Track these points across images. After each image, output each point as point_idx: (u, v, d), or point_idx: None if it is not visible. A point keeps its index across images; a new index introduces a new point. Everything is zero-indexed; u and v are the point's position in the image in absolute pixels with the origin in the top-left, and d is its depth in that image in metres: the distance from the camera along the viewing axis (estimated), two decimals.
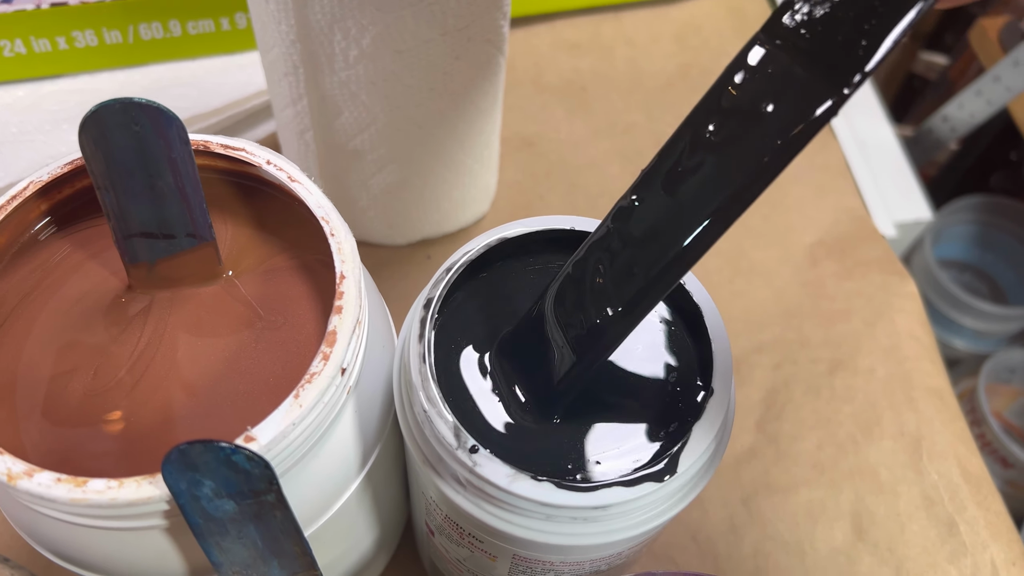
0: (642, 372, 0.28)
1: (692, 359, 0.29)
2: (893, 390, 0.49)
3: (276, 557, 0.26)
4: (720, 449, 0.28)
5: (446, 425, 0.26)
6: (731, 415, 0.29)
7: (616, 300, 0.25)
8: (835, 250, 0.55)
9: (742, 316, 0.52)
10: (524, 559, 0.29)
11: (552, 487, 0.26)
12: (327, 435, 0.28)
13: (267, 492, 0.24)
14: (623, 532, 0.27)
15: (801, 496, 0.46)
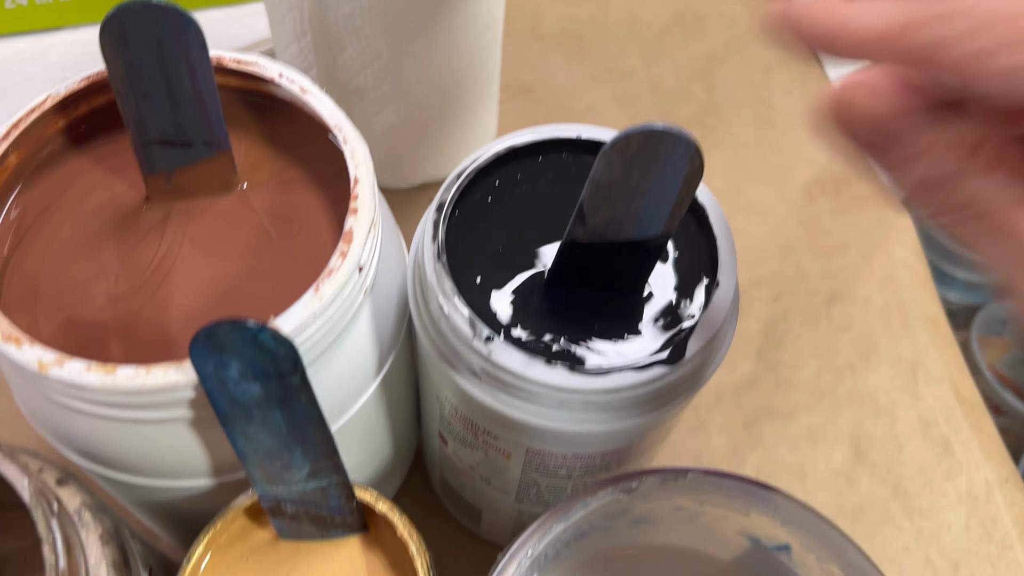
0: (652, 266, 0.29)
1: (700, 254, 0.29)
2: (889, 318, 0.50)
3: (299, 444, 0.27)
4: (726, 339, 0.29)
5: (461, 318, 0.27)
6: (735, 308, 0.30)
7: None
8: (831, 187, 0.56)
9: (740, 252, 0.53)
10: (537, 453, 0.30)
11: (565, 371, 0.26)
12: (345, 335, 0.29)
13: (292, 374, 0.25)
14: (633, 418, 0.28)
15: (801, 420, 0.47)
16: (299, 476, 0.28)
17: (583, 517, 0.31)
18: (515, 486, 0.34)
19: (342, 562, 0.30)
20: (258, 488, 0.28)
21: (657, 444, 0.33)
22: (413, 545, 0.28)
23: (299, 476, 0.28)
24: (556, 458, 0.30)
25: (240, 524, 0.30)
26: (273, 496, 0.28)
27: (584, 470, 0.32)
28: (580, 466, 0.31)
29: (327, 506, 0.29)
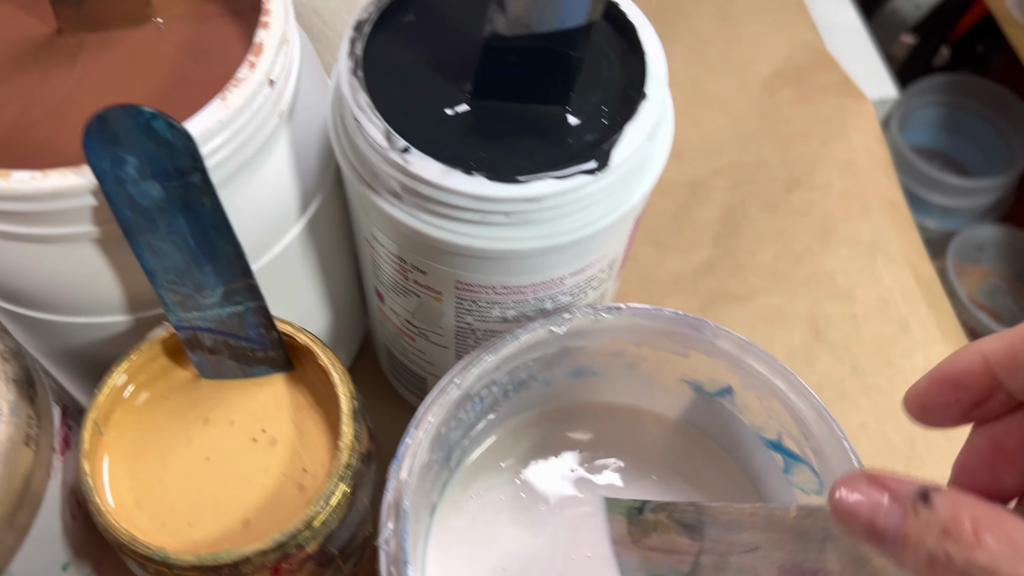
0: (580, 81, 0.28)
1: (629, 71, 0.28)
2: (849, 202, 0.49)
3: (209, 261, 0.26)
4: (657, 157, 0.28)
5: (377, 129, 0.26)
6: (668, 125, 0.29)
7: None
8: (791, 79, 0.55)
9: (700, 143, 0.52)
10: (466, 287, 0.29)
11: (484, 179, 0.26)
12: (260, 160, 0.28)
13: (192, 171, 0.24)
14: (559, 236, 0.27)
15: (759, 303, 0.46)
16: (213, 299, 0.27)
17: (515, 354, 0.30)
18: (452, 337, 0.33)
19: (265, 400, 0.29)
20: (172, 315, 0.27)
21: (591, 287, 0.32)
22: (336, 374, 0.28)
23: (213, 299, 0.27)
24: (486, 292, 0.29)
25: (160, 363, 0.29)
26: (189, 324, 0.27)
27: (517, 311, 0.31)
28: (512, 303, 0.30)
29: (246, 337, 0.28)
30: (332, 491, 0.26)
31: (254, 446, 0.28)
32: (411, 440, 0.28)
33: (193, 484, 0.27)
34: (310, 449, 0.28)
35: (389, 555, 0.26)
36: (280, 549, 0.25)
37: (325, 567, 0.28)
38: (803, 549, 0.24)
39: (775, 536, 0.25)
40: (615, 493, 0.34)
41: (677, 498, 0.34)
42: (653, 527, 0.30)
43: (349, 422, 0.27)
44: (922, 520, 0.18)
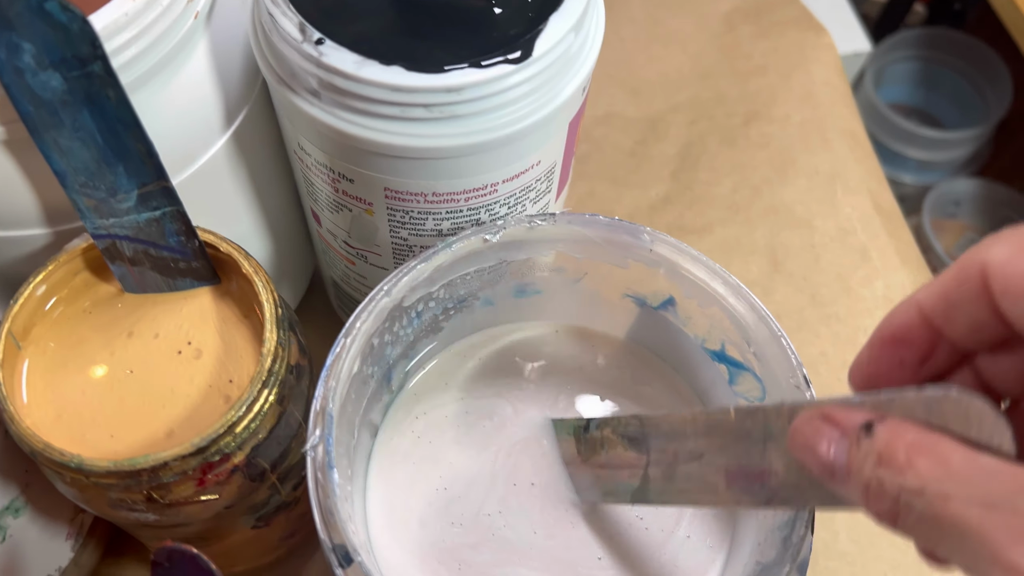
0: None
1: None
2: (808, 133, 0.49)
3: (120, 160, 0.25)
4: (586, 54, 0.28)
5: (291, 22, 0.25)
6: (597, 20, 0.28)
7: None
8: (751, 15, 0.54)
9: (659, 80, 0.52)
10: (396, 195, 0.29)
11: (401, 70, 0.25)
12: (177, 63, 0.27)
13: (92, 59, 0.23)
14: (484, 133, 0.26)
15: (716, 235, 0.46)
16: (128, 203, 0.26)
17: (449, 264, 0.29)
18: (390, 256, 0.32)
19: (191, 313, 0.28)
20: (88, 222, 0.26)
21: (529, 199, 0.31)
22: (259, 282, 0.27)
23: (128, 203, 0.26)
24: (416, 200, 0.29)
25: (83, 278, 0.28)
26: (106, 232, 0.26)
27: (452, 223, 0.30)
28: (445, 213, 0.30)
29: (166, 245, 0.27)
30: (255, 397, 0.25)
31: (179, 358, 0.27)
32: (339, 347, 0.27)
33: (116, 397, 0.27)
34: (236, 361, 0.27)
35: (316, 461, 0.25)
36: (200, 455, 0.25)
37: (257, 482, 0.28)
38: (746, 452, 0.24)
39: (717, 440, 0.25)
40: (563, 415, 0.33)
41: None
42: (600, 444, 0.29)
43: (273, 328, 0.26)
44: (863, 450, 0.18)
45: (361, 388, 0.29)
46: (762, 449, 0.23)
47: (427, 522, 0.31)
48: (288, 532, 0.34)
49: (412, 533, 0.31)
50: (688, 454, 0.26)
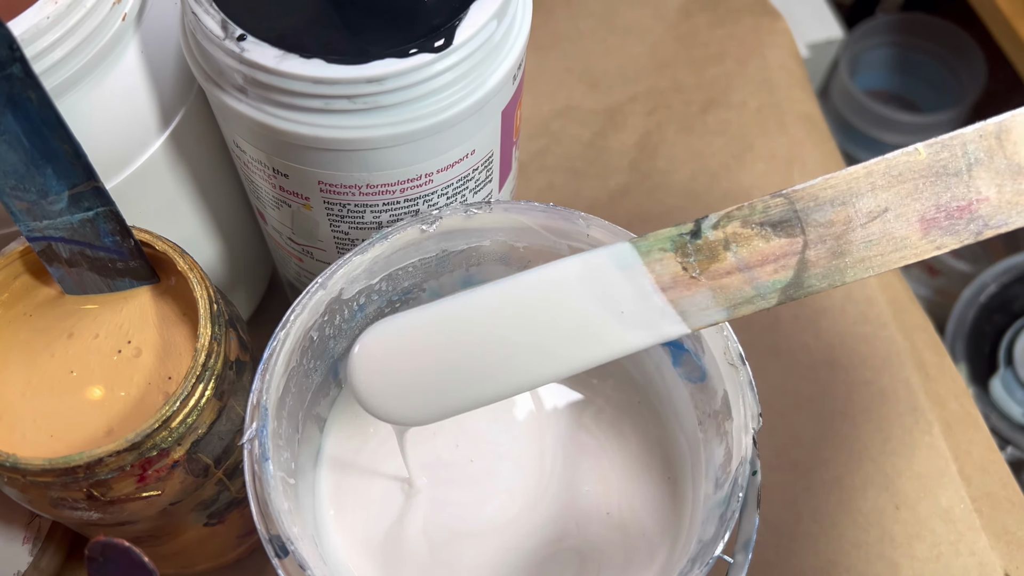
0: None
1: None
2: (765, 118, 0.49)
3: (49, 162, 0.25)
4: (512, 42, 0.28)
5: (213, 20, 0.26)
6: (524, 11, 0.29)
7: None
8: (707, 4, 0.54)
9: (616, 71, 0.52)
10: (331, 188, 0.29)
11: (321, 63, 0.25)
12: (107, 65, 0.27)
13: (11, 62, 0.23)
14: (409, 123, 0.26)
15: (675, 221, 0.46)
16: (60, 204, 0.26)
17: (387, 255, 0.29)
18: (334, 251, 0.32)
19: (130, 312, 0.28)
20: (22, 225, 0.26)
21: (469, 189, 0.31)
22: (194, 278, 0.27)
23: (60, 204, 0.26)
24: (351, 192, 0.29)
25: (23, 281, 0.28)
26: (41, 235, 0.27)
27: (391, 215, 0.30)
28: (383, 205, 0.30)
29: (102, 246, 0.27)
30: (189, 391, 0.26)
31: (119, 357, 0.28)
32: (275, 341, 0.27)
33: (56, 397, 0.27)
34: (175, 358, 0.28)
35: (252, 454, 0.25)
36: (136, 450, 0.25)
37: (201, 478, 0.28)
38: (945, 188, 0.21)
39: (906, 187, 0.21)
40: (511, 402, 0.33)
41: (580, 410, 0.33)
42: (724, 245, 0.24)
43: (207, 323, 0.26)
44: None
45: (303, 381, 0.29)
46: (966, 179, 0.21)
47: (376, 511, 0.31)
48: (246, 530, 0.34)
49: (361, 522, 0.31)
50: (866, 215, 0.22)
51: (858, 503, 0.39)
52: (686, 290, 0.24)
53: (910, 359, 0.42)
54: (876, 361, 0.42)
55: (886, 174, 0.21)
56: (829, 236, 0.22)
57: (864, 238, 0.22)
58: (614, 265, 0.24)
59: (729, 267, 0.23)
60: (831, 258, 0.22)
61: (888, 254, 0.22)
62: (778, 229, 0.23)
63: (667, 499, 0.31)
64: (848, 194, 0.22)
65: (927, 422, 0.40)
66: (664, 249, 0.24)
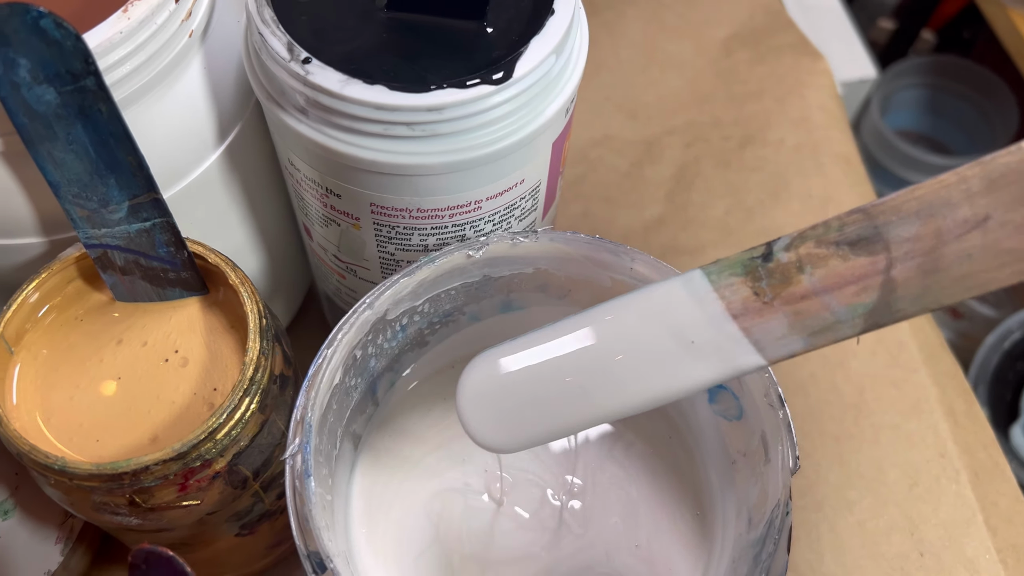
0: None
1: None
2: (802, 158, 0.49)
3: (112, 172, 0.26)
4: (568, 77, 0.28)
5: (280, 42, 0.26)
6: (580, 44, 0.29)
7: None
8: (749, 40, 0.55)
9: (655, 103, 0.52)
10: (382, 210, 0.29)
11: (384, 89, 0.26)
12: (171, 79, 0.28)
13: (85, 75, 0.24)
14: (465, 151, 0.27)
15: (708, 255, 0.46)
16: (119, 214, 0.27)
17: (432, 278, 0.30)
18: (378, 270, 0.33)
19: (179, 322, 0.29)
20: (81, 232, 0.27)
21: (515, 217, 0.32)
22: (245, 292, 0.28)
23: (119, 214, 0.27)
24: (402, 216, 0.29)
25: (76, 286, 0.29)
26: (98, 242, 0.27)
27: (438, 238, 0.31)
28: (431, 229, 0.30)
29: (156, 256, 0.28)
30: (236, 404, 0.26)
31: (166, 366, 0.28)
32: (320, 358, 0.27)
33: (103, 403, 0.27)
34: (221, 369, 0.28)
35: (294, 469, 0.26)
36: (181, 460, 0.25)
37: (239, 490, 0.28)
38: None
39: (1010, 191, 0.19)
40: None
41: (611, 442, 0.33)
42: (798, 268, 0.22)
43: (256, 338, 0.27)
44: None
45: (344, 399, 0.30)
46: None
47: (407, 533, 0.31)
48: (274, 541, 0.34)
49: (392, 543, 0.31)
50: (961, 225, 0.20)
51: (882, 547, 0.39)
52: (758, 316, 0.22)
53: (939, 406, 0.42)
54: (905, 406, 0.42)
55: (984, 178, 0.19)
56: (918, 252, 0.20)
57: (961, 252, 0.19)
58: (686, 293, 0.23)
59: (804, 291, 0.22)
60: (922, 277, 0.20)
61: (989, 271, 0.19)
62: (857, 248, 0.21)
63: (696, 535, 0.32)
64: (938, 204, 0.19)
65: (954, 470, 0.40)
66: (735, 274, 0.23)
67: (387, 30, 0.28)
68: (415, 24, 0.28)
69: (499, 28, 0.28)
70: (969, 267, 0.20)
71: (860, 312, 0.21)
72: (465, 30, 0.28)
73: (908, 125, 1.03)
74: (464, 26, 0.28)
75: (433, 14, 0.27)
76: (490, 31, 0.27)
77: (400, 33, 0.28)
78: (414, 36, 0.28)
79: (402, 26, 0.28)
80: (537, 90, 0.27)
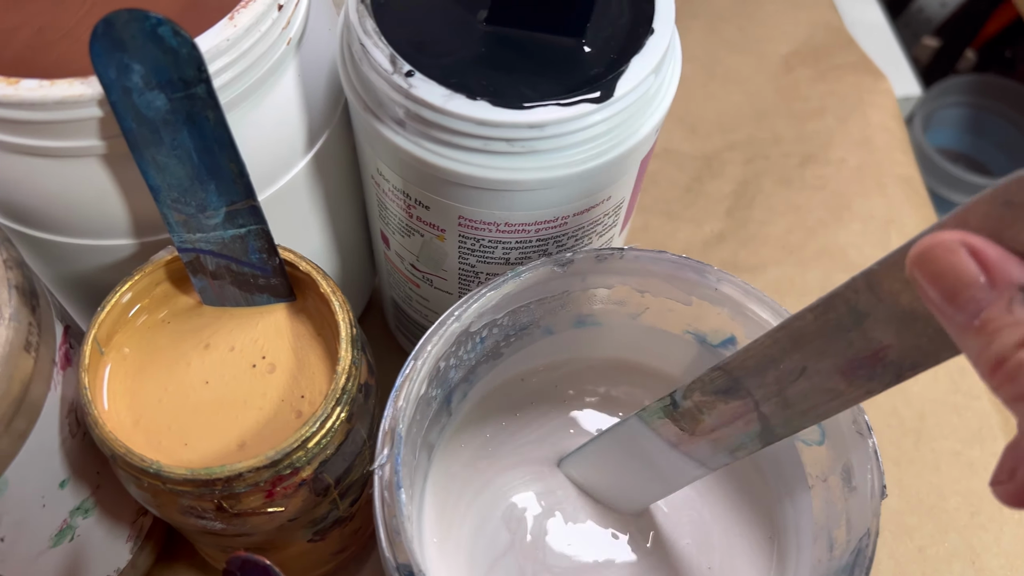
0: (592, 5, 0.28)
1: (639, 8, 0.28)
2: (864, 178, 0.49)
3: (213, 178, 0.26)
4: (663, 95, 0.28)
5: (382, 54, 0.26)
6: (675, 63, 0.29)
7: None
8: (809, 58, 0.54)
9: (715, 118, 0.52)
10: (469, 223, 0.29)
11: (487, 104, 0.26)
12: (268, 85, 0.28)
13: (197, 82, 0.24)
14: (562, 168, 0.27)
15: (769, 274, 0.46)
16: (216, 220, 0.27)
17: (517, 292, 0.30)
18: (456, 280, 0.33)
19: (266, 328, 0.29)
20: (176, 235, 0.27)
21: (596, 232, 0.32)
22: (336, 301, 0.28)
23: (216, 220, 0.27)
24: (488, 229, 0.29)
25: (164, 288, 0.29)
26: (192, 246, 0.27)
27: (520, 252, 0.31)
28: (515, 243, 0.30)
29: (248, 262, 0.28)
30: (328, 413, 0.26)
31: (253, 372, 0.28)
32: (409, 369, 0.27)
33: (191, 406, 0.28)
34: (309, 377, 0.28)
35: (383, 480, 0.26)
36: (273, 467, 0.25)
37: (320, 496, 0.28)
38: (847, 343, 0.22)
39: (810, 348, 0.23)
40: None
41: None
42: (697, 411, 0.27)
43: (348, 347, 0.27)
44: (1014, 318, 0.16)
45: (425, 409, 0.30)
46: (861, 332, 0.21)
47: (480, 544, 0.31)
48: (339, 548, 0.34)
49: (465, 554, 0.31)
50: (789, 374, 0.24)
51: (943, 575, 0.39)
52: (692, 444, 0.28)
53: (1002, 433, 0.42)
54: (966, 432, 0.42)
55: (789, 339, 0.23)
56: (771, 395, 0.25)
57: (799, 393, 0.24)
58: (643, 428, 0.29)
59: (710, 426, 0.27)
60: (782, 411, 0.25)
61: (825, 404, 0.24)
62: (729, 395, 0.26)
63: (768, 558, 0.31)
64: (767, 360, 0.24)
65: None
66: (660, 416, 0.29)
67: (484, 43, 0.28)
68: (512, 38, 0.28)
69: (596, 45, 0.28)
70: (809, 402, 0.24)
71: (753, 436, 0.26)
72: (562, 45, 0.28)
73: (949, 143, 1.02)
74: (561, 41, 0.28)
75: (533, 29, 0.27)
76: (587, 47, 0.27)
77: (497, 47, 0.28)
78: (511, 50, 0.28)
79: (499, 40, 0.28)
80: (635, 109, 0.27)
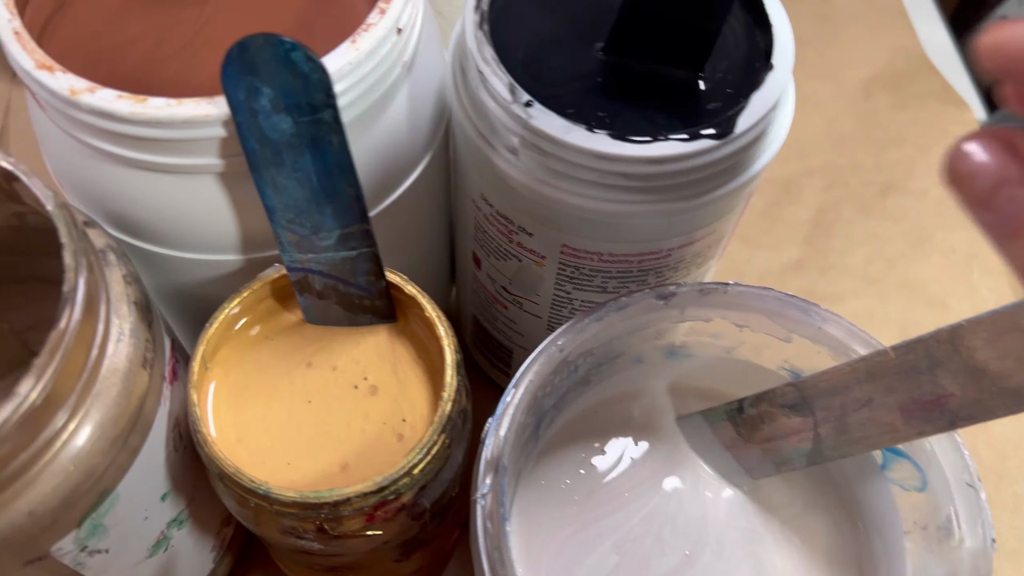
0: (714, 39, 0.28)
1: (755, 44, 0.28)
2: (946, 210, 0.48)
3: (330, 202, 0.26)
4: (777, 131, 0.28)
5: (501, 82, 0.26)
6: (789, 99, 0.29)
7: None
8: (890, 84, 0.54)
9: (793, 142, 0.51)
10: (571, 253, 0.29)
11: (607, 137, 0.25)
12: (381, 109, 0.28)
13: (324, 107, 0.24)
14: (676, 203, 0.27)
15: (848, 305, 0.45)
16: (328, 241, 0.27)
17: (618, 322, 0.29)
18: (548, 306, 0.33)
19: (368, 349, 0.29)
20: (286, 255, 0.27)
21: (695, 264, 0.31)
22: (442, 327, 0.28)
23: (328, 241, 0.27)
24: (591, 259, 0.29)
25: (267, 305, 0.29)
26: (301, 266, 0.27)
27: (618, 282, 0.31)
28: (616, 272, 0.30)
29: (355, 283, 0.28)
30: (434, 441, 0.26)
31: (355, 393, 0.28)
32: (510, 397, 0.27)
33: (294, 425, 0.28)
34: (411, 400, 0.28)
35: (486, 509, 0.26)
36: (379, 494, 0.25)
37: (416, 520, 0.28)
38: (916, 384, 0.24)
39: (882, 383, 0.25)
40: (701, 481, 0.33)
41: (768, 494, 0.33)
42: (760, 420, 0.30)
43: (453, 374, 0.27)
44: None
45: (520, 436, 0.30)
46: (932, 377, 0.23)
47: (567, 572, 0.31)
48: (417, 568, 0.34)
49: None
50: (855, 403, 0.26)
51: None
52: (743, 450, 0.31)
53: None
54: None
55: (866, 371, 0.25)
56: (831, 419, 0.27)
57: (858, 421, 0.26)
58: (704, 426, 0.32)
59: (766, 436, 0.29)
60: (837, 435, 0.27)
61: (877, 436, 0.26)
62: (794, 410, 0.28)
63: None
64: (840, 386, 0.26)
65: None
66: (723, 419, 0.31)
67: (600, 73, 0.28)
68: (628, 69, 0.28)
69: (713, 78, 0.27)
70: (864, 432, 0.26)
71: (803, 453, 0.29)
72: (678, 78, 0.27)
73: None
74: (678, 74, 0.27)
75: (652, 62, 0.27)
76: (704, 80, 0.27)
77: (613, 78, 0.27)
78: (627, 81, 0.27)
79: (615, 70, 0.28)
80: (752, 145, 0.27)
